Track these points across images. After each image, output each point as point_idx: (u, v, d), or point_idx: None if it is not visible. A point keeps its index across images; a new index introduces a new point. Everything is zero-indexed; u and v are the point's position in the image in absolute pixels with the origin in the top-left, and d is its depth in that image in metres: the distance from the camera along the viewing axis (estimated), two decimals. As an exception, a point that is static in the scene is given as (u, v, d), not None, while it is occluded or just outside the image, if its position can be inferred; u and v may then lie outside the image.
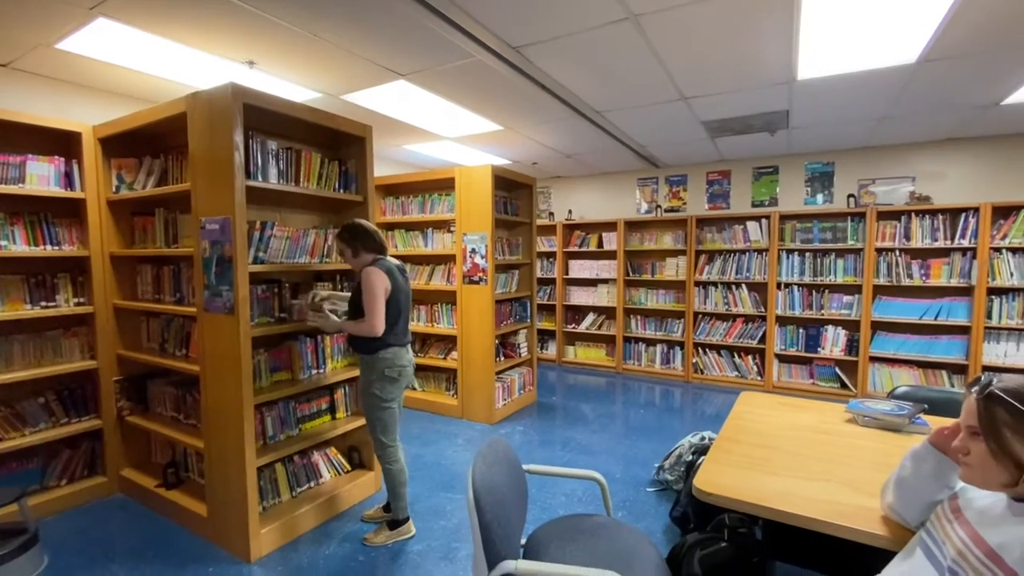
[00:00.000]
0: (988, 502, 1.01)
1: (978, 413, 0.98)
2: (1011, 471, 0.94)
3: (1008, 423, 0.93)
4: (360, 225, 2.43)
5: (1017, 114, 3.71)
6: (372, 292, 2.26)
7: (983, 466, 0.98)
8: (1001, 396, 0.94)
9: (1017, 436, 0.92)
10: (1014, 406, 0.92)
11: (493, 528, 1.24)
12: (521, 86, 3.07)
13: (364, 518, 2.69)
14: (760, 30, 2.39)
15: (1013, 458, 0.93)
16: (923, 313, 4.53)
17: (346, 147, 2.88)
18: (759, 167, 5.44)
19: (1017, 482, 0.93)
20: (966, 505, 1.05)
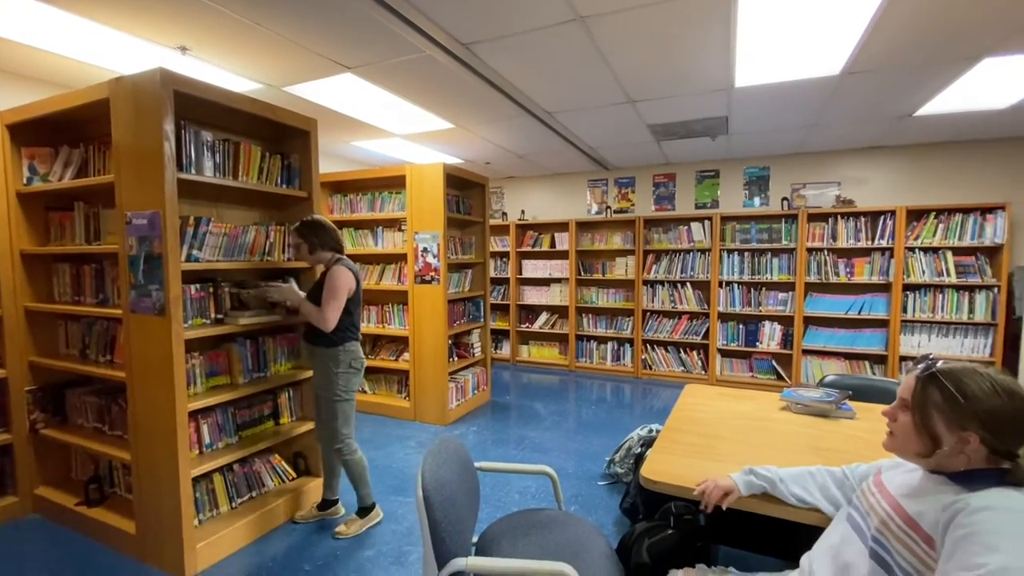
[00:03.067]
0: (907, 477, 1.09)
1: (914, 389, 1.05)
2: (927, 444, 1.02)
3: (937, 404, 1.01)
4: (321, 221, 2.49)
5: (928, 125, 4.06)
6: (335, 290, 2.35)
7: (904, 436, 1.06)
8: (939, 379, 1.01)
9: (941, 416, 1.00)
10: (948, 390, 0.99)
11: (443, 526, 1.23)
12: (472, 84, 3.06)
13: (298, 519, 2.62)
14: (700, 37, 2.49)
15: (931, 434, 1.01)
16: (848, 308, 4.88)
17: (289, 141, 2.76)
18: (702, 171, 5.68)
19: (930, 454, 1.02)
20: (888, 480, 1.13)
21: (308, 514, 2.65)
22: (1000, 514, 0.86)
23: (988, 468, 0.96)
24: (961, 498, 0.92)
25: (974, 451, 0.96)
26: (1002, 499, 0.90)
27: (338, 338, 2.42)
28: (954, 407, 0.98)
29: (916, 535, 0.96)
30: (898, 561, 0.97)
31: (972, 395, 0.96)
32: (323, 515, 2.66)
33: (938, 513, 0.93)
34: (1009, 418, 0.94)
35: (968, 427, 0.96)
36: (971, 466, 0.98)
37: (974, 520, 0.87)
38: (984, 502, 0.89)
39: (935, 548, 0.91)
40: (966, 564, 0.82)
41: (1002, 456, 0.95)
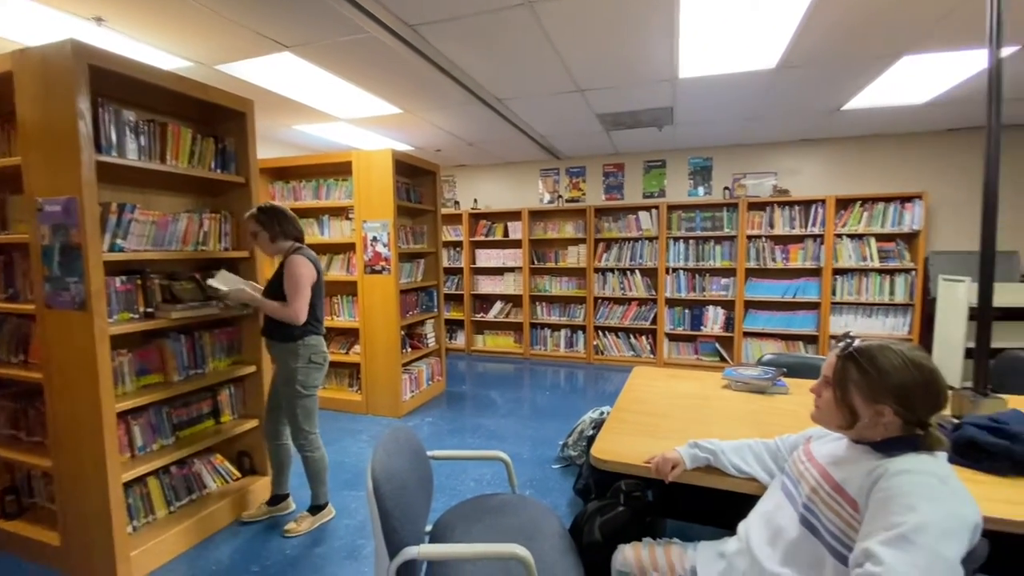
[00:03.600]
0: (833, 446, 1.17)
1: (835, 367, 1.12)
2: (847, 418, 1.09)
3: (855, 379, 1.08)
4: (281, 208, 2.42)
5: (854, 119, 4.32)
6: (299, 280, 2.28)
7: (828, 409, 1.13)
8: (855, 356, 1.09)
9: (858, 390, 1.07)
10: (863, 366, 1.07)
11: (395, 515, 1.20)
12: (419, 67, 2.98)
13: (246, 518, 2.53)
14: (645, 28, 2.53)
15: (850, 407, 1.08)
16: (784, 292, 5.17)
17: (223, 123, 2.60)
18: (649, 161, 5.82)
19: (851, 426, 1.09)
20: (816, 449, 1.21)
21: (257, 512, 2.56)
22: (916, 477, 0.94)
23: (903, 436, 1.04)
24: (881, 464, 1.00)
25: (889, 422, 1.04)
26: (917, 463, 0.97)
27: (297, 332, 2.33)
28: (870, 382, 1.05)
29: (842, 500, 1.03)
30: (825, 524, 1.03)
31: (885, 370, 1.04)
32: (273, 511, 2.58)
33: (862, 479, 1.01)
34: (919, 390, 1.02)
35: (882, 400, 1.04)
36: (888, 435, 1.05)
37: (893, 484, 0.94)
38: (901, 466, 0.97)
39: (859, 511, 0.98)
40: (887, 524, 0.89)
41: (914, 425, 1.04)
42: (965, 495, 0.94)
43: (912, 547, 0.83)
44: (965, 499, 0.93)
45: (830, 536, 1.01)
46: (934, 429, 1.04)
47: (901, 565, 0.81)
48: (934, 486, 0.92)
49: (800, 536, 1.07)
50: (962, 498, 0.93)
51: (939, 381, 1.03)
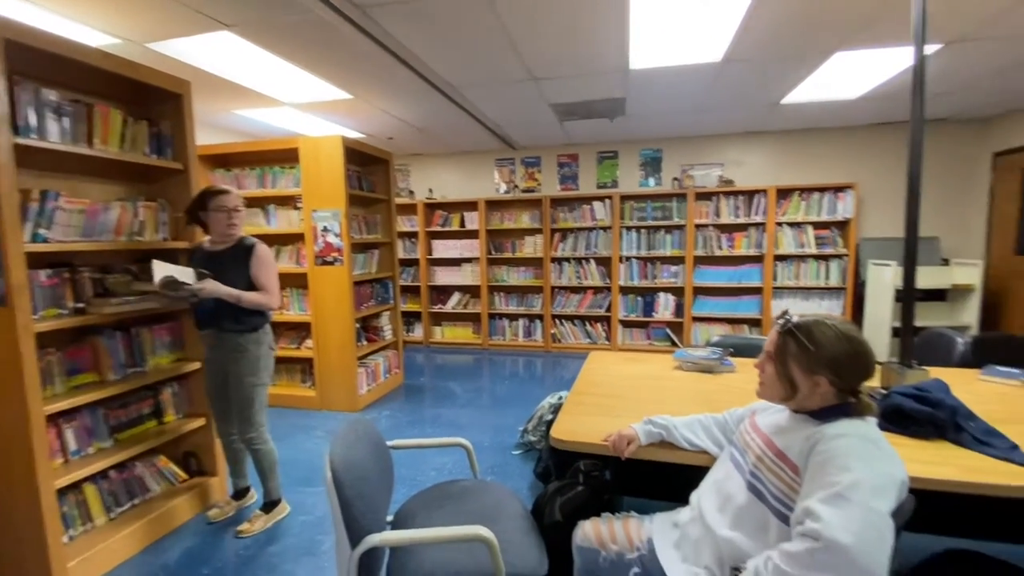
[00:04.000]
0: (776, 417, 1.25)
1: (775, 342, 1.19)
2: (788, 390, 1.17)
3: (793, 353, 1.15)
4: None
5: (792, 113, 4.56)
6: (272, 267, 2.33)
7: (770, 382, 1.20)
8: (794, 332, 1.16)
9: (796, 363, 1.14)
10: (801, 341, 1.14)
11: (355, 505, 1.19)
12: (370, 51, 2.90)
13: (212, 519, 2.45)
14: (597, 18, 2.56)
15: (790, 379, 1.16)
16: (730, 278, 5.42)
17: (158, 105, 2.44)
18: (602, 152, 5.92)
19: (791, 397, 1.17)
20: (761, 421, 1.28)
21: (224, 510, 2.49)
22: (850, 440, 1.02)
23: (838, 404, 1.13)
24: (819, 429, 1.07)
25: (825, 391, 1.12)
26: (850, 427, 1.05)
27: (259, 321, 2.32)
28: (807, 355, 1.13)
29: (785, 465, 1.10)
30: (770, 488, 1.10)
31: (820, 343, 1.12)
32: (240, 504, 2.56)
33: (802, 444, 1.08)
34: (850, 361, 1.10)
35: (818, 371, 1.11)
36: (824, 404, 1.13)
37: (829, 447, 1.01)
38: (836, 431, 1.05)
39: (799, 474, 1.05)
40: (824, 483, 0.96)
41: (847, 393, 1.12)
42: (893, 455, 1.03)
43: (847, 503, 0.90)
44: (893, 458, 1.02)
45: (774, 499, 1.08)
46: (864, 397, 1.13)
47: (838, 520, 0.88)
48: (866, 447, 1.00)
49: (747, 501, 1.14)
50: (890, 458, 1.02)
51: (868, 353, 1.12)
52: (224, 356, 2.30)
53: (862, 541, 0.86)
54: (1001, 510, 1.64)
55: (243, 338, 2.28)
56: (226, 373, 2.32)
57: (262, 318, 2.34)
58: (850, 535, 0.86)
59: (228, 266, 2.24)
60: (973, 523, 1.67)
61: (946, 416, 1.53)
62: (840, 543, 0.86)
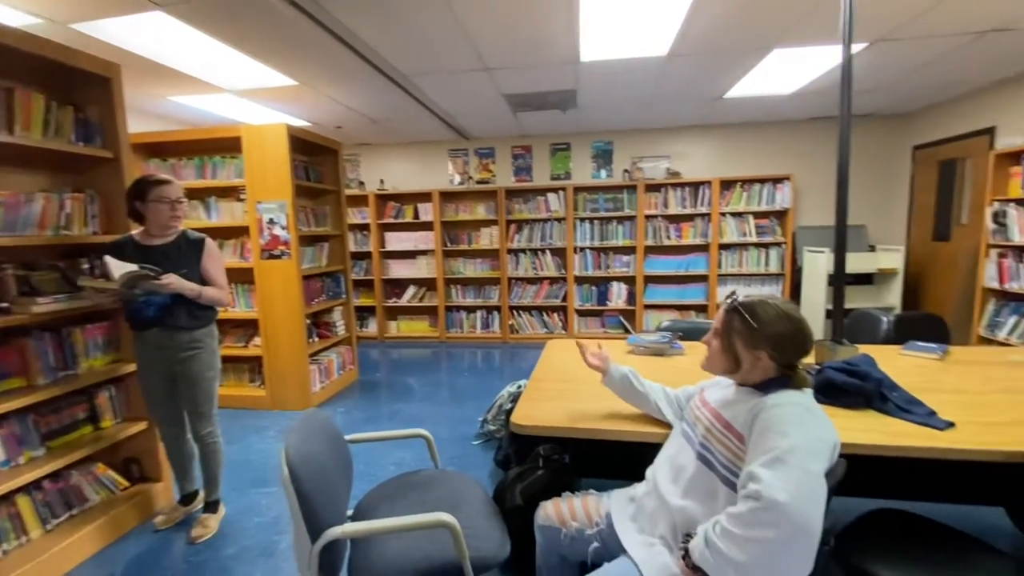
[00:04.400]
0: (723, 392, 1.32)
1: (722, 319, 1.26)
2: (732, 363, 1.24)
3: (738, 329, 1.22)
4: None
5: (735, 107, 4.77)
6: (222, 261, 2.31)
7: (715, 356, 1.28)
8: (739, 309, 1.23)
9: (740, 339, 1.22)
10: (745, 318, 1.21)
11: (314, 498, 1.17)
12: (317, 37, 2.80)
13: (159, 526, 2.33)
14: (549, 8, 2.58)
15: (734, 354, 1.23)
16: (678, 267, 5.63)
17: (84, 89, 2.27)
18: (555, 144, 5.99)
19: (735, 370, 1.24)
20: (709, 396, 1.35)
21: (170, 518, 2.38)
22: (787, 408, 1.10)
23: (777, 377, 1.21)
24: (761, 400, 1.15)
25: (766, 365, 1.20)
26: (788, 397, 1.14)
27: (212, 314, 2.30)
28: (750, 331, 1.20)
29: (731, 435, 1.17)
30: (718, 458, 1.17)
31: (763, 320, 1.19)
32: (188, 510, 2.44)
33: (746, 415, 1.15)
34: (789, 338, 1.18)
35: (760, 347, 1.19)
36: (765, 377, 1.21)
37: (771, 415, 1.09)
38: (776, 401, 1.12)
39: (744, 442, 1.12)
40: (765, 448, 1.03)
41: (785, 367, 1.20)
42: (826, 421, 1.12)
43: (785, 466, 0.97)
44: (827, 424, 1.11)
45: (722, 467, 1.15)
46: (801, 371, 1.22)
47: (776, 480, 0.95)
48: (802, 415, 1.09)
49: (698, 471, 1.20)
50: (824, 423, 1.11)
51: (806, 331, 1.20)
52: (175, 355, 2.18)
53: (797, 499, 0.93)
54: (921, 473, 1.81)
55: (199, 333, 2.21)
56: (174, 373, 2.21)
57: (214, 312, 2.31)
58: (786, 494, 0.93)
59: (175, 261, 2.12)
60: (898, 485, 1.84)
61: (872, 387, 1.66)
62: (778, 501, 0.93)
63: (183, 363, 2.19)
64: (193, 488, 2.47)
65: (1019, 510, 2.07)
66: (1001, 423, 1.53)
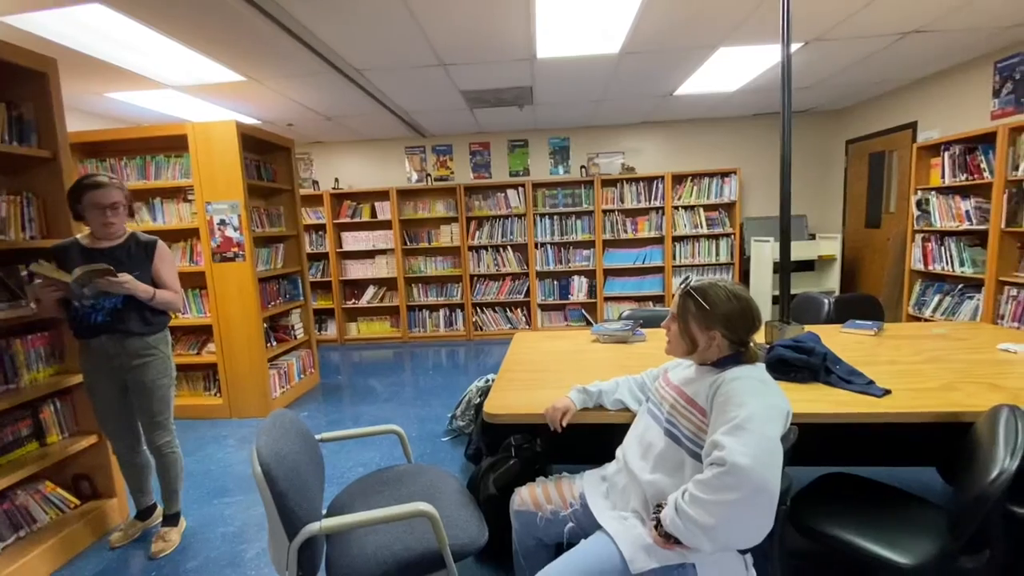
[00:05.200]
0: (686, 371, 1.40)
1: (677, 304, 1.33)
2: (689, 344, 1.32)
3: (692, 312, 1.30)
4: None
5: (684, 104, 4.95)
6: (174, 265, 2.23)
7: (676, 340, 1.35)
8: (691, 292, 1.30)
9: (695, 321, 1.29)
10: (698, 301, 1.28)
11: (290, 496, 1.16)
12: (265, 30, 2.72)
13: (115, 544, 2.23)
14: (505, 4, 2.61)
15: (691, 336, 1.31)
16: (635, 259, 5.80)
17: (17, 86, 2.11)
18: (513, 140, 6.03)
19: (693, 351, 1.32)
20: (673, 376, 1.43)
21: (128, 532, 2.28)
22: (744, 382, 1.18)
23: (731, 354, 1.29)
24: (720, 375, 1.23)
25: (720, 344, 1.28)
26: (744, 372, 1.22)
27: (165, 319, 2.22)
28: (703, 313, 1.28)
29: (694, 409, 1.24)
30: (683, 432, 1.25)
31: (713, 302, 1.27)
32: (145, 525, 2.34)
33: (707, 390, 1.23)
34: (739, 316, 1.27)
35: (713, 327, 1.27)
36: (721, 355, 1.29)
37: (730, 388, 1.17)
38: (733, 375, 1.21)
39: (707, 415, 1.20)
40: (726, 419, 1.11)
41: (738, 344, 1.29)
42: (779, 391, 1.21)
43: (744, 432, 1.05)
44: (780, 394, 1.20)
45: (688, 441, 1.22)
46: (754, 347, 1.30)
47: (738, 445, 1.03)
48: (757, 386, 1.17)
49: (665, 446, 1.27)
50: (777, 393, 1.20)
51: (753, 308, 1.29)
52: (126, 363, 2.07)
53: (758, 462, 1.01)
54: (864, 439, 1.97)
55: (152, 339, 2.12)
56: (125, 382, 2.10)
57: (167, 317, 2.23)
58: (747, 458, 1.01)
59: (124, 265, 2.01)
60: (845, 452, 1.99)
61: (818, 362, 1.80)
62: (740, 464, 1.00)
63: (135, 371, 2.09)
64: (150, 502, 2.36)
65: (948, 467, 2.28)
66: (930, 388, 1.69)
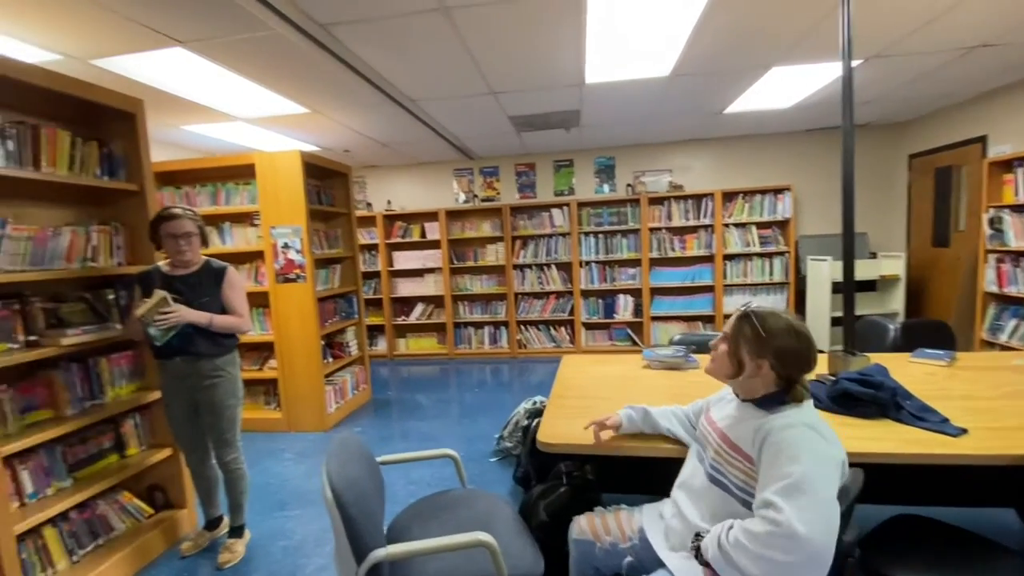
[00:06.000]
0: (727, 408, 1.36)
1: (733, 325, 1.30)
2: (734, 368, 1.28)
3: (746, 336, 1.26)
4: None
5: (735, 121, 4.86)
6: (242, 289, 2.34)
7: (720, 361, 1.32)
8: (750, 316, 1.27)
9: (747, 345, 1.25)
10: (755, 326, 1.25)
11: (359, 521, 1.21)
12: (330, 67, 2.89)
13: (185, 553, 2.36)
14: (555, 36, 2.67)
15: (738, 359, 1.27)
16: (683, 278, 5.68)
17: (108, 124, 2.34)
18: (558, 160, 6.08)
19: (736, 375, 1.28)
20: (716, 415, 1.39)
21: (197, 541, 2.41)
22: (796, 431, 1.12)
23: (777, 392, 1.23)
24: (766, 420, 1.18)
25: (766, 375, 1.23)
26: (795, 417, 1.16)
27: (232, 341, 2.34)
28: (757, 339, 1.23)
29: (740, 456, 1.21)
30: (732, 480, 1.21)
31: (771, 331, 1.22)
32: (213, 535, 2.47)
33: (752, 435, 1.19)
34: (793, 353, 1.21)
35: (764, 355, 1.22)
36: (766, 391, 1.24)
37: (780, 438, 1.12)
38: (784, 421, 1.16)
39: (754, 463, 1.16)
40: (779, 474, 1.06)
41: (785, 380, 1.23)
42: (832, 436, 1.16)
43: (803, 495, 1.01)
44: (833, 441, 1.15)
45: (737, 489, 1.19)
46: (799, 386, 1.23)
47: (795, 511, 0.99)
48: (810, 436, 1.11)
49: (714, 494, 1.25)
50: (830, 440, 1.14)
51: (811, 349, 1.23)
52: (198, 383, 2.22)
53: (815, 531, 0.97)
54: (935, 478, 1.84)
55: (220, 361, 2.25)
56: (197, 401, 2.25)
57: (234, 340, 2.35)
58: (805, 526, 0.97)
59: (198, 291, 2.18)
60: (914, 491, 1.87)
61: (887, 397, 1.71)
62: (797, 532, 0.96)
63: (205, 391, 2.23)
64: (218, 513, 2.49)
65: (1034, 512, 2.10)
66: (1010, 428, 1.57)
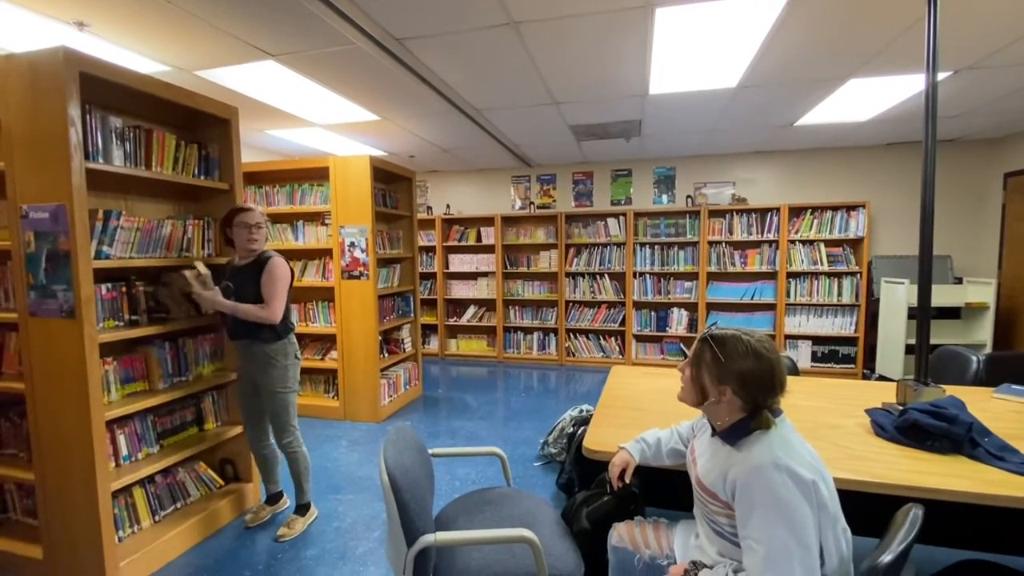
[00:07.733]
0: (703, 441, 1.34)
1: (694, 350, 1.28)
2: (699, 395, 1.25)
3: (707, 362, 1.23)
4: None
5: (805, 134, 4.67)
6: (282, 281, 2.36)
7: (687, 387, 1.30)
8: (709, 340, 1.23)
9: (707, 372, 1.22)
10: (715, 351, 1.21)
11: (411, 507, 1.29)
12: (402, 78, 3.06)
13: (249, 524, 2.55)
14: (622, 49, 2.70)
15: (701, 386, 1.24)
16: (743, 294, 5.49)
17: (207, 129, 2.60)
18: (616, 170, 6.06)
19: (701, 403, 1.25)
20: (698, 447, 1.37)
21: (259, 514, 2.60)
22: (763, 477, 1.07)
23: (741, 421, 1.19)
24: (734, 461, 1.15)
25: (730, 401, 1.18)
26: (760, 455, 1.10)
27: (283, 330, 2.41)
28: (717, 364, 1.19)
29: (719, 503, 1.19)
30: (725, 528, 1.21)
31: (730, 355, 1.17)
32: (274, 509, 2.66)
33: (723, 482, 1.17)
34: (755, 376, 1.16)
35: (725, 382, 1.18)
36: (732, 419, 1.19)
37: (750, 492, 1.09)
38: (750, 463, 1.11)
39: (733, 507, 1.15)
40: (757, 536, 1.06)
41: (751, 406, 1.18)
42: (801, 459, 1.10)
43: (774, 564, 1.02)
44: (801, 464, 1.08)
45: (728, 532, 1.20)
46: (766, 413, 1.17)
47: None
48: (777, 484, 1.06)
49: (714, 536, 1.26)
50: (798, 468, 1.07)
51: (774, 371, 1.16)
52: (252, 365, 2.41)
53: None
54: (1012, 523, 1.71)
55: (270, 348, 2.38)
56: (255, 383, 2.44)
57: (284, 328, 2.41)
58: None
59: (247, 279, 2.35)
60: (987, 536, 1.74)
61: (962, 432, 1.60)
62: None
63: (259, 375, 2.42)
64: (277, 490, 2.67)
65: None
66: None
